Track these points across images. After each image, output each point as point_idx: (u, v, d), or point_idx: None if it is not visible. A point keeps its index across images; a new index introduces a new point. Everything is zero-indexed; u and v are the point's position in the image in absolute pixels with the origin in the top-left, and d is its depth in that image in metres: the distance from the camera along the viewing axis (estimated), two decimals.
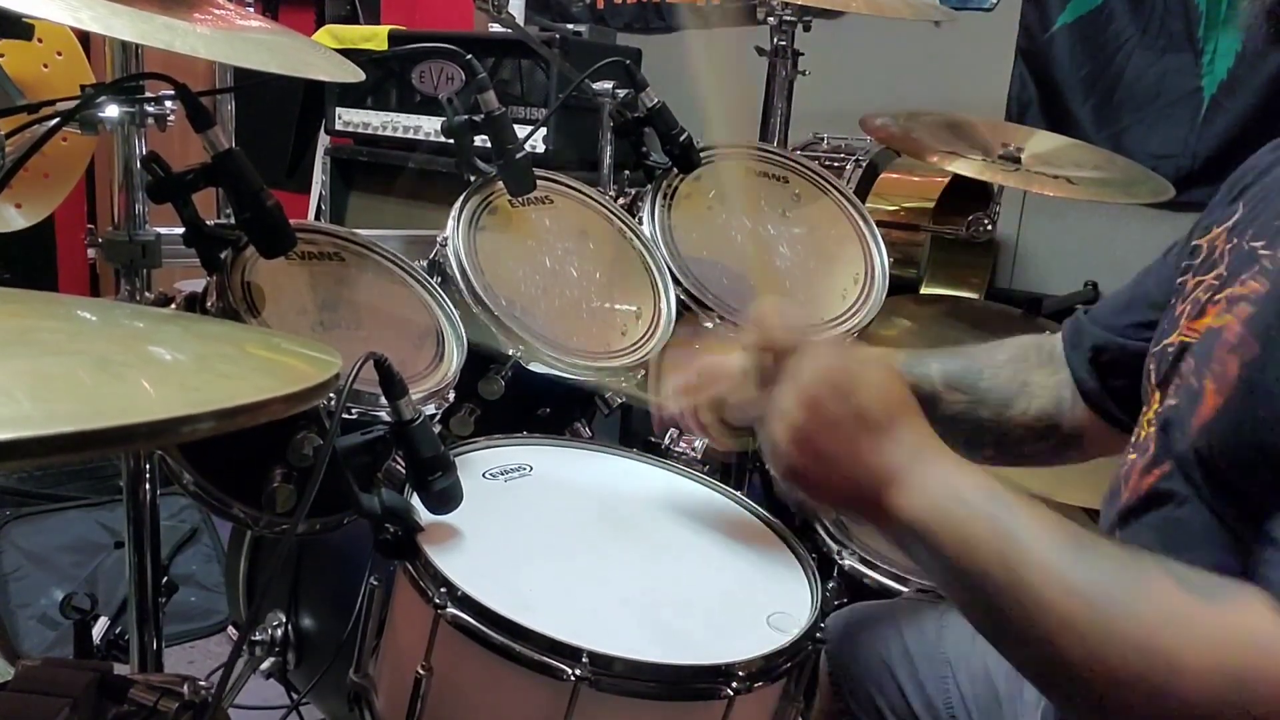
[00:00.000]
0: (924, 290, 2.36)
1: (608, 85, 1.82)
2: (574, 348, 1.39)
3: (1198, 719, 0.65)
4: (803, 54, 2.06)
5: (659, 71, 2.39)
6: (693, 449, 1.49)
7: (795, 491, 0.86)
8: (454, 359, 1.27)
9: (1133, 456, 0.88)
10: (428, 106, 2.71)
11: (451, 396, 1.25)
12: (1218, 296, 0.83)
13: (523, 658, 0.94)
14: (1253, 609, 0.66)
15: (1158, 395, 0.87)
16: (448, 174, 2.55)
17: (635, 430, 1.98)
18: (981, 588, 0.73)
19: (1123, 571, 0.71)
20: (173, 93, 1.16)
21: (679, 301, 1.53)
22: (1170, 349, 0.87)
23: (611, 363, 1.41)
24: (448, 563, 1.01)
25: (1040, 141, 2.12)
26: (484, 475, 1.20)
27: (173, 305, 1.23)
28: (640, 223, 1.61)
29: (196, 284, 1.22)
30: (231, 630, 2.22)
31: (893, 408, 0.83)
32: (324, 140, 3.11)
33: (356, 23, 3.43)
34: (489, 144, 1.42)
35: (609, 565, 1.11)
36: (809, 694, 1.13)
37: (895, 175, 2.34)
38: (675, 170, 1.67)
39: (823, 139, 2.48)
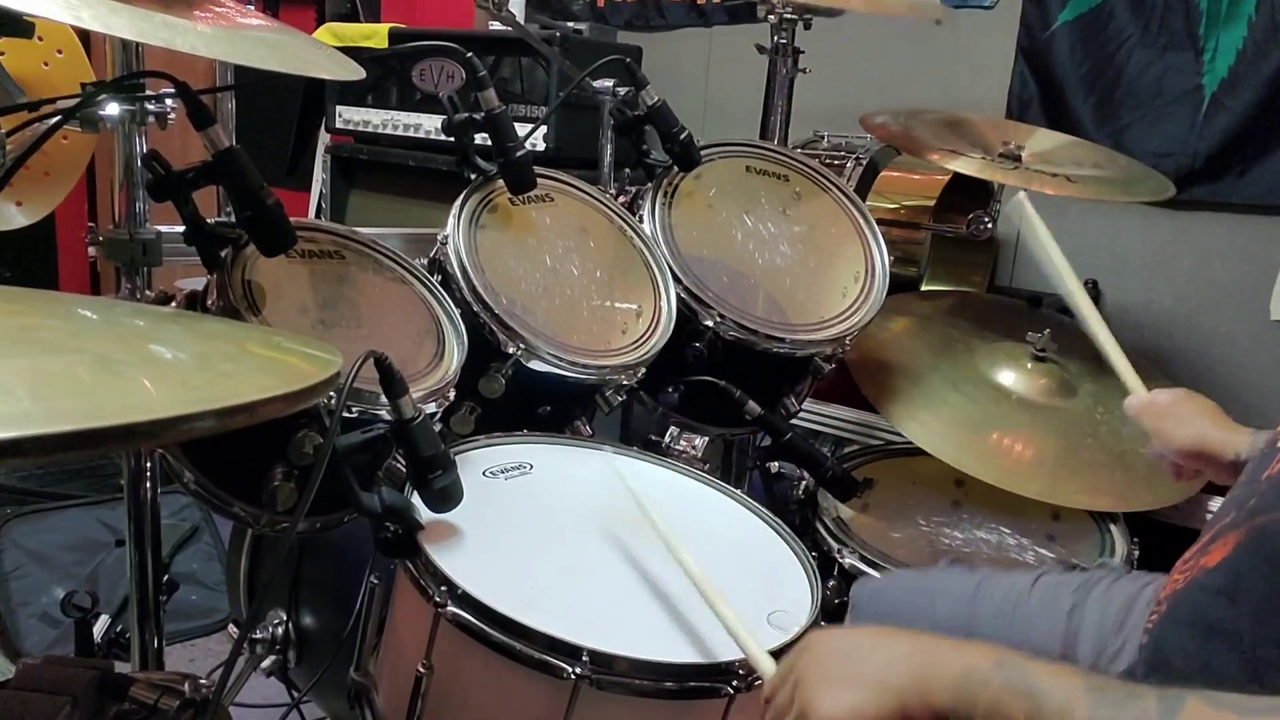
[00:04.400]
0: (924, 288, 2.36)
1: (608, 83, 1.82)
2: (574, 346, 1.39)
3: None
4: (803, 52, 2.06)
5: (659, 69, 2.40)
6: (693, 447, 1.49)
7: None
8: (454, 357, 1.27)
9: None
10: (428, 104, 2.70)
11: (452, 395, 1.25)
12: None
13: (523, 656, 0.94)
14: None
15: None
16: (448, 172, 2.55)
17: (635, 429, 1.98)
18: None
19: (1141, 702, 0.70)
20: (173, 91, 1.16)
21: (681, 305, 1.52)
22: None
23: (612, 361, 1.41)
24: (448, 561, 1.01)
25: (1041, 140, 2.11)
26: (484, 473, 1.21)
27: (173, 303, 1.23)
28: (640, 221, 1.61)
29: (197, 282, 1.22)
30: (232, 628, 2.21)
31: (873, 636, 0.85)
32: (324, 138, 3.11)
33: (357, 21, 3.42)
34: (489, 142, 1.42)
35: (609, 564, 1.11)
36: None
37: (895, 173, 2.34)
38: (675, 168, 1.67)
39: (823, 137, 2.48)
